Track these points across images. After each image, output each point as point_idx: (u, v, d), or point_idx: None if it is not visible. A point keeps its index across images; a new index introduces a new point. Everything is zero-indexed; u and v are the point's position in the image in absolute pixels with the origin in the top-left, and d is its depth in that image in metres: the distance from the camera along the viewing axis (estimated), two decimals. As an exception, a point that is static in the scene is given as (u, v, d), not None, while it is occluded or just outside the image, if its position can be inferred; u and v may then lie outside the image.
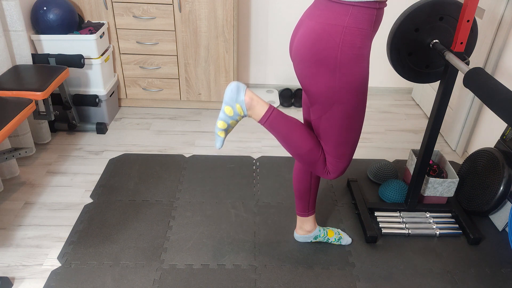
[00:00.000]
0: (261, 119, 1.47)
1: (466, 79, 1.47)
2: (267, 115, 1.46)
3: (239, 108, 1.46)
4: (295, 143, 1.47)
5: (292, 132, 1.46)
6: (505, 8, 2.17)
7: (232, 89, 1.45)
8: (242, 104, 1.46)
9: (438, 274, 1.81)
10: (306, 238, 1.92)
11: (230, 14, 2.65)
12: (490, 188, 2.00)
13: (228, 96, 1.45)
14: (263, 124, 1.47)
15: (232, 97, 1.45)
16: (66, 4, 2.51)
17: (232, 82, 1.45)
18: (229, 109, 1.47)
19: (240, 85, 1.46)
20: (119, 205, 2.12)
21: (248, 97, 1.45)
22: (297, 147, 1.47)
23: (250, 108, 1.46)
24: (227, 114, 1.47)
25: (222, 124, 1.49)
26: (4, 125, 1.77)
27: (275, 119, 1.46)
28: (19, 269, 1.77)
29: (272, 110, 1.46)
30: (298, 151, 1.48)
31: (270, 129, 1.48)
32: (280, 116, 1.47)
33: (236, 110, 1.47)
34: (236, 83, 1.46)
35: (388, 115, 3.06)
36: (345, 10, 1.22)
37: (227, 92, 1.46)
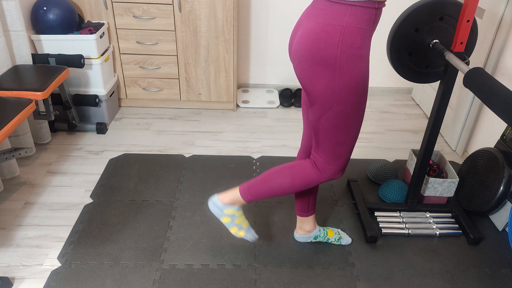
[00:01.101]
0: (244, 199, 1.60)
1: (466, 79, 1.47)
2: (242, 193, 1.60)
3: (229, 211, 1.64)
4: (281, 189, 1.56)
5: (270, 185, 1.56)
6: (505, 8, 2.17)
7: (211, 207, 1.66)
8: (226, 207, 1.63)
9: (438, 274, 1.81)
10: (306, 238, 1.92)
11: (230, 14, 2.65)
12: (490, 188, 2.00)
13: (216, 213, 1.66)
14: (249, 199, 1.60)
15: (217, 211, 1.65)
16: (66, 4, 2.51)
17: (208, 202, 1.68)
18: (225, 219, 1.67)
19: (212, 199, 1.65)
20: (119, 205, 2.12)
21: (222, 199, 1.63)
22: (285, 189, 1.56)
23: (232, 203, 1.62)
24: (228, 222, 1.67)
25: (234, 230, 1.70)
26: (4, 125, 1.77)
27: (249, 190, 1.59)
28: (19, 269, 1.77)
29: (243, 186, 1.60)
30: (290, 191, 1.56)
31: (257, 197, 1.59)
32: (251, 184, 1.59)
33: (229, 214, 1.65)
34: (209, 201, 1.66)
35: (388, 115, 3.06)
36: (344, 10, 1.22)
37: (212, 211, 1.66)
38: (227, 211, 1.65)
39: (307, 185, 1.55)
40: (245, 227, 1.72)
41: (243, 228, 1.70)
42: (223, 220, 1.67)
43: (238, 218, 1.68)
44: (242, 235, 1.71)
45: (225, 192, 1.64)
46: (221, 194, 1.64)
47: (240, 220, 1.69)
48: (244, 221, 1.71)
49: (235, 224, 1.68)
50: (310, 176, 1.52)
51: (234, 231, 1.70)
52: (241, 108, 3.08)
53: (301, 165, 1.54)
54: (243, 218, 1.70)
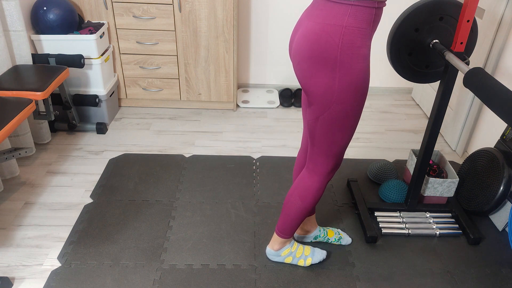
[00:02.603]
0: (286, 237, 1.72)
1: (466, 79, 1.47)
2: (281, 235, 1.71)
3: (285, 252, 1.78)
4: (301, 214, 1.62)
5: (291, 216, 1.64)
6: (505, 8, 2.17)
7: (272, 258, 1.81)
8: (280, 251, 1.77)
9: (438, 274, 1.81)
10: (306, 238, 1.92)
11: (230, 14, 2.65)
12: (490, 188, 2.00)
13: (277, 259, 1.81)
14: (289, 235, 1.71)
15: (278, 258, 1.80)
16: (66, 4, 2.51)
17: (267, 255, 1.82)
18: (288, 259, 1.80)
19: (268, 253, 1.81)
20: (119, 205, 2.12)
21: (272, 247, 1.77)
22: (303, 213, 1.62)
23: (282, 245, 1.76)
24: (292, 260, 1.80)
25: (301, 262, 1.81)
26: (4, 125, 1.77)
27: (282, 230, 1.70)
28: (19, 269, 1.77)
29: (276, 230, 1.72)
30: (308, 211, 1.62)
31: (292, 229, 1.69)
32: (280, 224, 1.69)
33: (287, 254, 1.78)
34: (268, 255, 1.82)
35: (388, 115, 3.06)
36: (344, 9, 1.22)
37: (274, 259, 1.82)
38: (284, 253, 1.78)
39: (317, 196, 1.57)
40: (308, 253, 1.82)
41: (307, 256, 1.80)
42: (286, 261, 1.81)
43: (296, 252, 1.80)
44: (311, 261, 1.81)
45: (271, 241, 1.79)
46: (269, 244, 1.79)
47: (300, 251, 1.80)
48: (304, 250, 1.81)
49: (297, 258, 1.80)
50: (314, 187, 1.55)
51: (302, 263, 1.80)
52: (241, 108, 3.08)
53: (301, 183, 1.58)
54: (301, 248, 1.81)
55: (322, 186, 1.54)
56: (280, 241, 1.74)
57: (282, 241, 1.74)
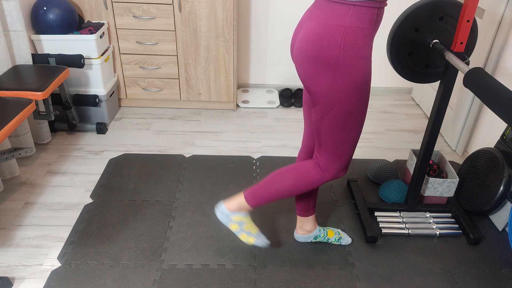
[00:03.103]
0: (250, 205, 1.61)
1: (466, 79, 1.47)
2: (247, 199, 1.60)
3: (237, 217, 1.65)
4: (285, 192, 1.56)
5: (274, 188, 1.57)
6: (505, 8, 2.17)
7: (219, 215, 1.66)
8: (233, 213, 1.64)
9: (438, 274, 1.81)
10: (306, 238, 1.92)
11: (230, 14, 2.65)
12: (490, 188, 2.00)
13: (223, 221, 1.66)
14: (255, 204, 1.61)
15: (225, 219, 1.66)
16: (66, 4, 2.51)
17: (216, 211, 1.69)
18: (234, 226, 1.67)
19: (218, 207, 1.66)
20: (119, 205, 2.12)
21: (228, 206, 1.64)
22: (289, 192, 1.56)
23: (239, 209, 1.63)
24: (237, 229, 1.67)
25: (243, 236, 1.70)
26: (4, 125, 1.77)
27: (254, 195, 1.60)
28: (19, 269, 1.77)
29: (247, 192, 1.61)
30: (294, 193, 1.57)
31: (263, 201, 1.60)
32: (255, 189, 1.60)
33: (237, 221, 1.66)
34: (216, 208, 1.66)
35: (388, 115, 3.06)
36: (346, 10, 1.22)
37: (220, 219, 1.66)
38: (235, 218, 1.65)
39: (311, 186, 1.55)
40: (255, 233, 1.72)
41: (252, 234, 1.71)
42: (231, 227, 1.67)
43: (246, 224, 1.68)
44: (253, 241, 1.72)
45: (230, 199, 1.65)
46: (226, 201, 1.66)
47: (249, 226, 1.69)
48: (253, 227, 1.72)
49: (244, 230, 1.69)
50: (313, 177, 1.53)
51: (244, 237, 1.71)
52: (241, 108, 3.08)
53: (304, 166, 1.54)
54: (252, 225, 1.71)
55: (322, 180, 1.53)
56: (241, 204, 1.61)
57: (243, 206, 1.62)
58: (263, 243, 1.74)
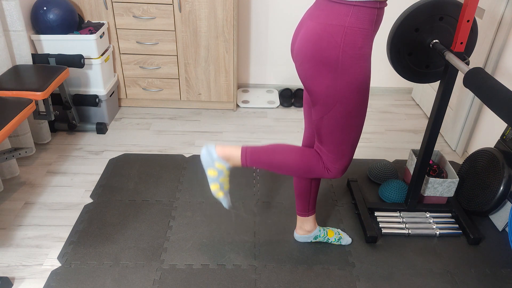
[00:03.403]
0: (242, 162, 1.53)
1: (466, 79, 1.47)
2: (244, 155, 1.52)
3: (219, 165, 1.54)
4: (282, 164, 1.51)
5: (275, 157, 1.51)
6: (505, 8, 2.17)
7: (204, 153, 1.54)
8: (219, 160, 1.54)
9: (438, 274, 1.81)
10: (306, 238, 1.92)
11: (230, 14, 2.65)
12: (490, 188, 2.00)
13: (205, 161, 1.55)
14: (246, 164, 1.53)
15: (208, 160, 1.54)
16: (66, 4, 2.51)
17: (202, 148, 1.55)
18: (212, 171, 1.55)
19: (208, 146, 1.55)
20: (119, 205, 2.12)
21: (219, 151, 1.53)
22: (286, 166, 1.51)
23: (228, 159, 1.54)
24: (213, 176, 1.56)
25: (214, 186, 1.58)
26: (4, 125, 1.77)
27: (252, 155, 1.52)
28: (19, 269, 1.77)
29: (245, 149, 1.52)
30: (289, 169, 1.52)
31: (256, 164, 1.53)
32: (255, 150, 1.53)
33: (218, 169, 1.55)
34: (205, 147, 1.55)
35: (388, 115, 3.06)
36: (346, 10, 1.22)
37: (202, 159, 1.55)
38: (218, 164, 1.55)
39: (309, 173, 1.52)
40: (226, 189, 1.62)
41: (224, 190, 1.61)
42: (209, 172, 1.56)
43: (224, 177, 1.58)
44: (221, 196, 1.61)
45: (225, 146, 1.55)
46: (219, 145, 1.56)
47: (225, 180, 1.59)
48: (227, 183, 1.61)
49: (219, 181, 1.58)
50: (316, 167, 1.50)
51: (215, 188, 1.59)
52: (241, 108, 3.08)
53: (311, 153, 1.51)
54: (227, 180, 1.61)
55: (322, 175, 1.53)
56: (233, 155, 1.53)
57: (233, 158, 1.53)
58: (227, 204, 1.65)
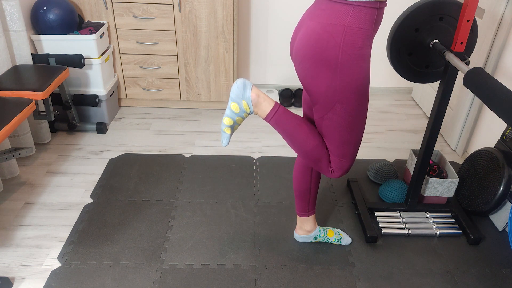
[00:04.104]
0: (266, 116, 1.47)
1: (466, 79, 1.47)
2: (273, 112, 1.46)
3: (246, 105, 1.46)
4: (300, 140, 1.47)
5: (298, 129, 1.47)
6: (505, 8, 2.17)
7: (239, 85, 1.45)
8: (249, 101, 1.46)
9: (438, 274, 1.81)
10: (306, 238, 1.92)
11: (230, 14, 2.65)
12: (490, 188, 2.00)
13: (235, 93, 1.46)
14: (269, 121, 1.48)
15: (238, 94, 1.45)
16: (66, 4, 2.51)
17: (239, 79, 1.46)
18: (235, 106, 1.47)
19: (246, 82, 1.46)
20: (119, 205, 2.12)
21: (254, 94, 1.45)
22: (302, 144, 1.47)
23: (256, 105, 1.46)
24: (234, 111, 1.48)
25: (228, 121, 1.50)
26: (4, 125, 1.77)
27: (280, 116, 1.46)
28: (19, 269, 1.77)
29: (278, 107, 1.46)
30: (303, 148, 1.48)
31: (276, 126, 1.48)
32: (286, 113, 1.47)
33: (242, 107, 1.47)
34: (243, 80, 1.46)
35: (388, 115, 3.06)
36: (346, 10, 1.22)
37: (234, 89, 1.46)
38: (245, 104, 1.47)
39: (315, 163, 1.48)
40: (235, 129, 1.55)
41: (232, 130, 1.53)
42: (232, 105, 1.48)
43: (242, 117, 1.51)
44: (228, 132, 1.52)
45: (261, 92, 1.49)
46: (257, 89, 1.49)
47: (240, 120, 1.52)
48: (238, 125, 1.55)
49: (235, 119, 1.50)
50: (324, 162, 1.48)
51: (228, 122, 1.50)
52: (241, 108, 3.08)
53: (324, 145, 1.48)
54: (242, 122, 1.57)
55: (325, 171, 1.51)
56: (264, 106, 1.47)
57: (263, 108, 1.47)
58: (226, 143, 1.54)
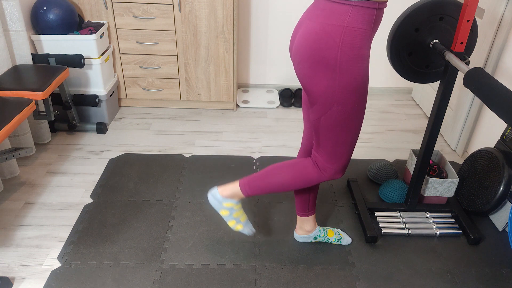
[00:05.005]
0: (244, 194, 1.60)
1: (466, 79, 1.47)
2: (242, 187, 1.60)
3: (228, 204, 1.64)
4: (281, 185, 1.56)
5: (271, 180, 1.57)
6: (505, 8, 2.17)
7: (211, 199, 1.65)
8: (225, 200, 1.63)
9: (438, 274, 1.81)
10: (306, 238, 1.92)
11: (230, 14, 2.65)
12: (490, 188, 2.00)
13: (214, 205, 1.66)
14: (248, 194, 1.60)
15: (216, 204, 1.65)
16: (66, 4, 2.51)
17: (208, 194, 1.67)
18: (224, 212, 1.66)
19: (211, 191, 1.65)
20: (119, 205, 2.12)
21: (221, 192, 1.63)
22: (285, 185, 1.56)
23: (232, 196, 1.62)
24: (227, 215, 1.67)
25: (232, 223, 1.70)
26: (4, 125, 1.77)
27: (250, 184, 1.59)
28: (19, 269, 1.77)
29: (243, 181, 1.60)
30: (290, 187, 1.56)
31: (257, 192, 1.59)
32: (251, 178, 1.59)
33: (228, 207, 1.65)
34: (209, 193, 1.66)
35: (388, 115, 3.06)
36: (345, 10, 1.22)
37: (211, 204, 1.66)
38: (226, 204, 1.65)
39: (308, 183, 1.55)
40: (243, 221, 1.71)
41: (241, 222, 1.70)
42: (221, 212, 1.67)
43: (236, 211, 1.67)
44: (240, 228, 1.71)
45: (225, 185, 1.64)
46: (221, 186, 1.65)
47: (238, 213, 1.68)
48: (242, 215, 1.71)
49: (233, 217, 1.68)
50: (311, 175, 1.53)
51: (232, 224, 1.70)
52: (241, 108, 3.08)
53: (303, 164, 1.54)
54: (241, 212, 1.70)
55: (319, 180, 1.53)
56: (235, 191, 1.61)
57: (235, 193, 1.62)
58: (250, 232, 1.74)
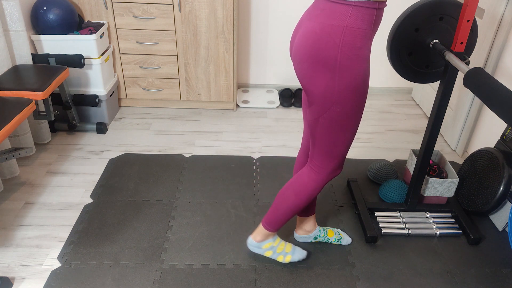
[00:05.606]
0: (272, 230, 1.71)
1: (466, 79, 1.47)
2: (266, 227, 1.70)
3: (266, 245, 1.76)
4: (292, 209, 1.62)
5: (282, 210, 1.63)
6: (505, 8, 2.17)
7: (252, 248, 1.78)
8: (262, 243, 1.75)
9: (438, 274, 1.81)
10: (306, 238, 1.92)
11: (230, 14, 2.65)
12: (490, 188, 2.00)
13: (258, 252, 1.78)
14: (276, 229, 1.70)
15: (258, 250, 1.77)
16: (66, 4, 2.51)
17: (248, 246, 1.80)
18: (268, 253, 1.78)
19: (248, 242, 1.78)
20: (119, 205, 2.12)
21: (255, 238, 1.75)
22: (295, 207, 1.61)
23: (265, 238, 1.74)
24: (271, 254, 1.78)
25: (280, 258, 1.79)
26: (4, 125, 1.77)
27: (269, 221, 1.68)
28: (19, 269, 1.77)
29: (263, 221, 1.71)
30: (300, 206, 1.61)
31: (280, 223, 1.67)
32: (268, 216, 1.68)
33: (268, 248, 1.76)
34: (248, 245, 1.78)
35: (388, 115, 3.06)
36: (344, 10, 1.22)
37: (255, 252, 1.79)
38: (265, 246, 1.76)
39: (311, 195, 1.57)
40: (289, 251, 1.80)
41: (287, 253, 1.79)
42: (266, 254, 1.78)
43: (278, 247, 1.78)
44: (290, 259, 1.79)
45: (254, 232, 1.76)
46: (252, 234, 1.76)
47: (281, 247, 1.78)
48: (286, 246, 1.80)
49: (278, 253, 1.78)
50: (310, 185, 1.55)
51: (281, 259, 1.79)
52: (241, 108, 3.08)
53: (299, 180, 1.58)
54: (283, 244, 1.80)
55: (319, 186, 1.54)
56: (264, 233, 1.72)
57: (266, 234, 1.72)
58: (301, 256, 1.82)
